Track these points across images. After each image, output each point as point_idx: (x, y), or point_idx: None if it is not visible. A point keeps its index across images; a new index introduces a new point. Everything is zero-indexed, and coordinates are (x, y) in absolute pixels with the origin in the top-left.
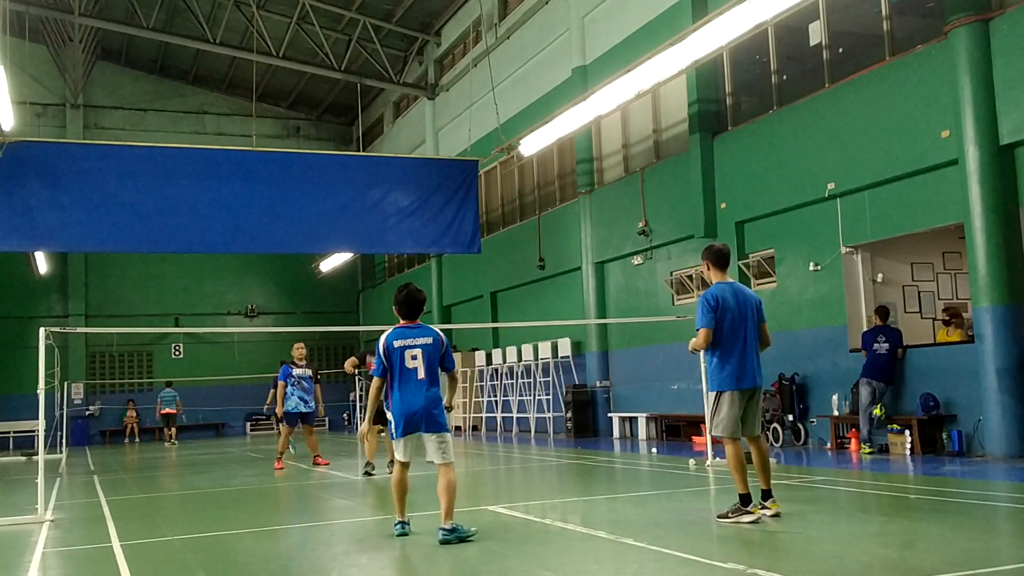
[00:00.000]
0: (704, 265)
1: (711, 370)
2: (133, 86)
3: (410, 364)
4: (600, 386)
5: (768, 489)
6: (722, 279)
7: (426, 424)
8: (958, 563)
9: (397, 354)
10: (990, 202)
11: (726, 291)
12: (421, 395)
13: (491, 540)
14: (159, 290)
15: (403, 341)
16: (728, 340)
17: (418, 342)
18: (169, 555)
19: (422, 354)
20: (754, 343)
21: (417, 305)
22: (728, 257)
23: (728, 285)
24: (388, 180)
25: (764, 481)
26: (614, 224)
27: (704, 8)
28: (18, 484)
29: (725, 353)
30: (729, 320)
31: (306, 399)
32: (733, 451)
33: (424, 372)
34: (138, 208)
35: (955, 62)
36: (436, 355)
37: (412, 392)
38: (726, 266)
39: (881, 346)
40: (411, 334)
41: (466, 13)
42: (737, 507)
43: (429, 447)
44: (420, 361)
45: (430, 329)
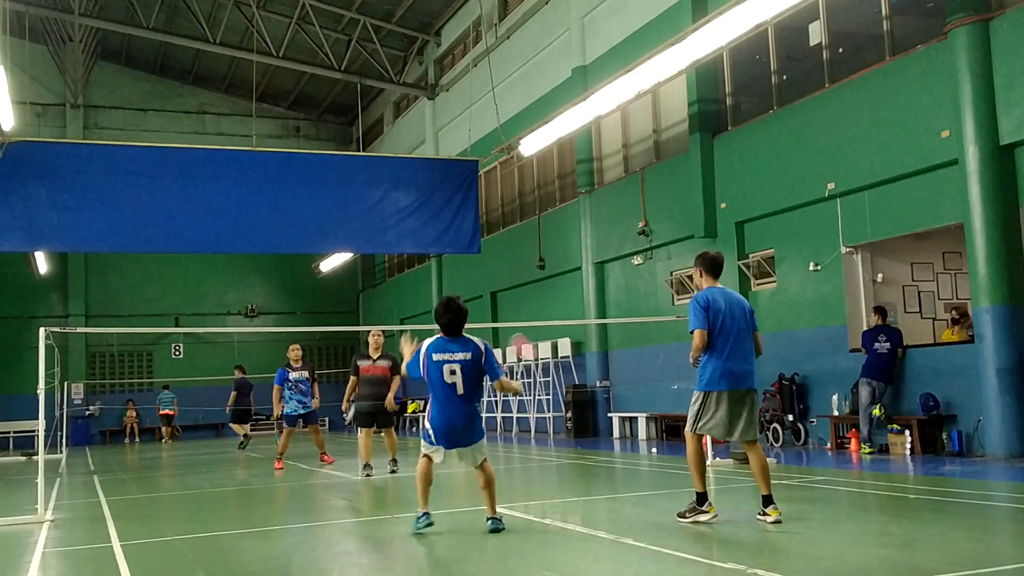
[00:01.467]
0: (696, 271)
1: (699, 369)
2: (133, 86)
3: (449, 379)
4: (600, 386)
5: (769, 495)
6: (712, 285)
7: (466, 439)
8: (958, 563)
9: (434, 368)
10: (990, 202)
11: (716, 294)
12: (462, 412)
13: (491, 540)
14: (159, 290)
15: (442, 355)
16: (718, 341)
17: (456, 357)
18: (169, 555)
19: (460, 369)
20: (746, 346)
21: (458, 321)
22: (721, 266)
23: (718, 289)
24: (388, 180)
25: (764, 487)
26: (614, 224)
27: (704, 8)
28: (18, 484)
29: (714, 354)
30: (719, 322)
31: (304, 401)
32: (693, 448)
33: (463, 387)
34: (138, 208)
35: (955, 62)
36: (475, 369)
37: (454, 408)
38: (718, 274)
39: (882, 345)
40: (451, 348)
41: (466, 13)
42: (693, 506)
43: (466, 457)
44: (459, 377)
45: (470, 342)
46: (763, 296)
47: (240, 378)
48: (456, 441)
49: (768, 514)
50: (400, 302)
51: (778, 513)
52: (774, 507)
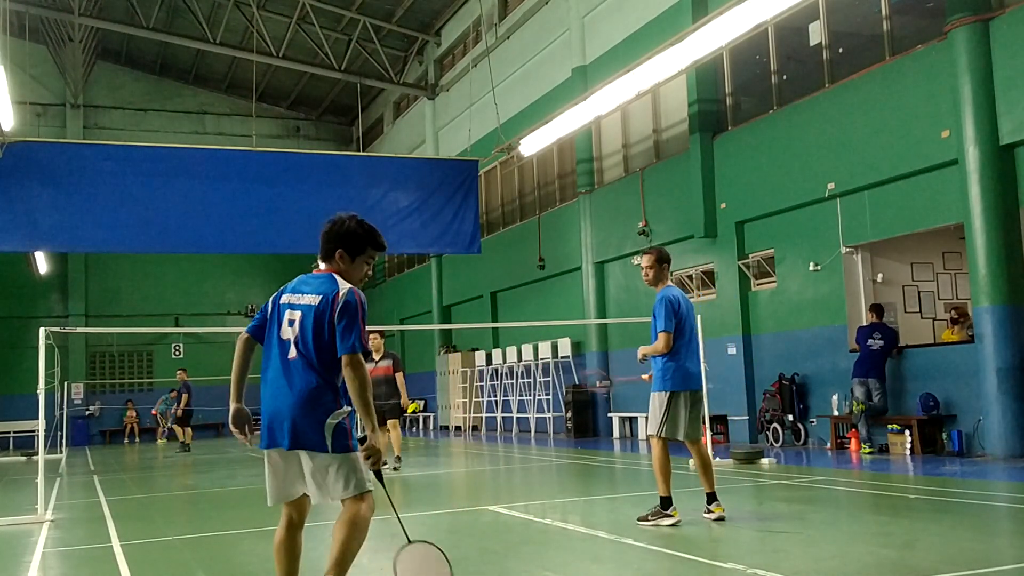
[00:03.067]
0: (662, 268)
1: (663, 370)
2: (133, 86)
3: (284, 333)
4: (600, 386)
5: (712, 492)
6: (669, 283)
7: (301, 435)
8: (958, 563)
9: (274, 315)
10: (990, 202)
11: (677, 293)
12: (294, 387)
13: (491, 540)
14: (159, 290)
15: (289, 297)
16: (680, 342)
17: (303, 300)
18: (169, 555)
19: (300, 320)
20: (696, 346)
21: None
22: None
23: (677, 288)
24: (388, 180)
25: (708, 484)
26: (614, 224)
27: (704, 8)
28: (18, 484)
29: (679, 355)
30: (683, 323)
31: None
32: (661, 453)
33: (298, 348)
34: (138, 208)
35: (955, 62)
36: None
37: (281, 381)
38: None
39: (876, 342)
40: (303, 287)
41: (466, 13)
42: (657, 509)
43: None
44: (295, 331)
45: (328, 282)
46: (763, 296)
47: (186, 381)
48: (281, 436)
49: (712, 511)
50: (400, 302)
51: (721, 510)
52: (718, 503)
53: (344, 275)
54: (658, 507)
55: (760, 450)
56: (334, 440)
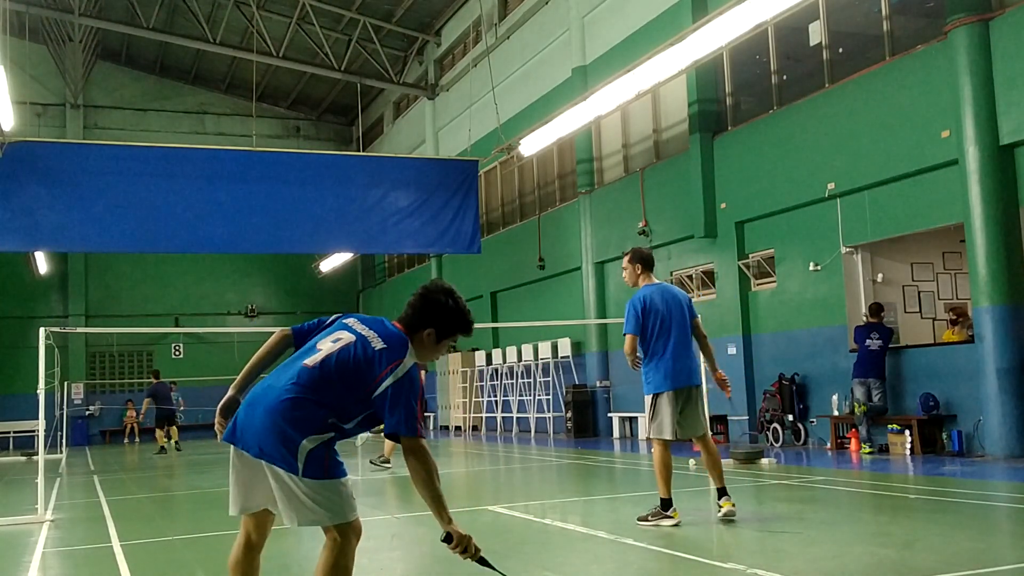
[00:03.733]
0: (633, 268)
1: (645, 372)
2: (133, 86)
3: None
4: (600, 386)
5: (722, 487)
6: (649, 281)
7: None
8: (958, 563)
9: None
10: (990, 202)
11: (653, 293)
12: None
13: (491, 540)
14: (159, 290)
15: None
16: (658, 341)
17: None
18: (169, 555)
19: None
20: (685, 342)
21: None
22: (653, 261)
23: (655, 287)
24: (388, 180)
25: (717, 479)
26: (614, 224)
27: (704, 8)
28: (18, 484)
29: (656, 355)
30: (657, 322)
31: None
32: (661, 454)
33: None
34: (138, 208)
35: (955, 62)
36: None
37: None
38: (652, 268)
39: (874, 342)
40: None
41: (466, 13)
42: (657, 510)
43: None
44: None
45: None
46: (763, 296)
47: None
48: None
49: (721, 505)
50: (400, 302)
51: (730, 504)
52: (727, 498)
53: (419, 349)
54: (658, 508)
55: (760, 450)
56: (307, 465)
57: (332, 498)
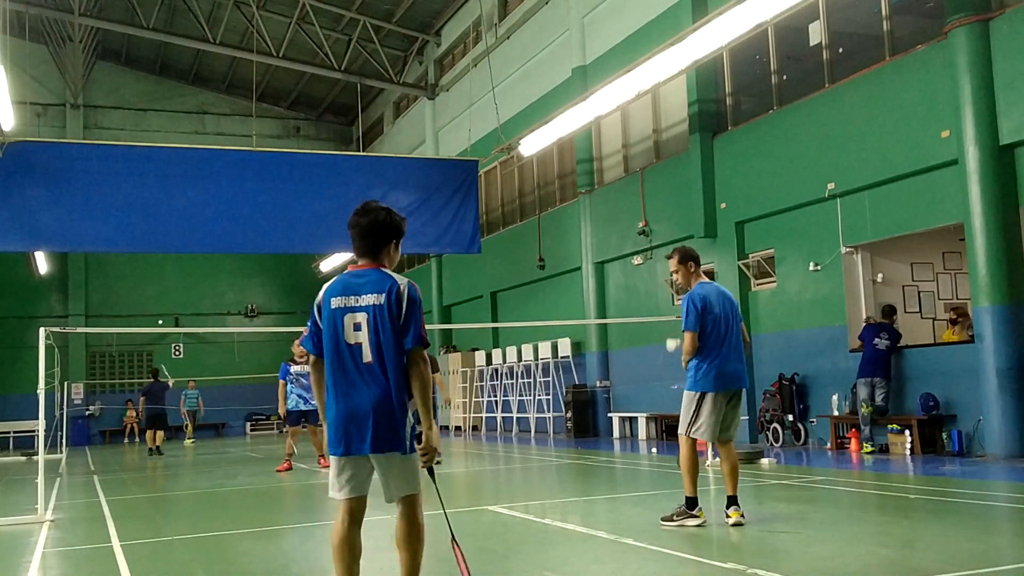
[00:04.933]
0: (686, 267)
1: (694, 369)
2: (133, 86)
3: (351, 338)
4: (600, 386)
5: (735, 496)
6: (701, 279)
7: (375, 441)
8: (958, 563)
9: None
10: (990, 202)
11: (711, 292)
12: (370, 394)
13: (491, 540)
14: (159, 290)
15: (342, 300)
16: (713, 341)
17: (363, 301)
18: (169, 555)
19: (367, 322)
20: (737, 344)
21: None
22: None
23: (711, 285)
24: (388, 180)
25: (732, 487)
26: (614, 224)
27: (704, 8)
28: (18, 484)
29: (710, 354)
30: (713, 321)
31: (306, 396)
32: (689, 453)
33: (372, 352)
34: (138, 208)
35: (955, 62)
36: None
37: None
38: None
39: (882, 342)
40: (355, 286)
41: (466, 13)
42: (683, 509)
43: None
44: (365, 333)
45: (388, 279)
46: (763, 296)
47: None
48: (356, 443)
49: (730, 515)
50: None
51: (739, 515)
52: (737, 508)
53: (391, 267)
54: (683, 507)
55: (760, 450)
56: (411, 441)
57: (417, 468)
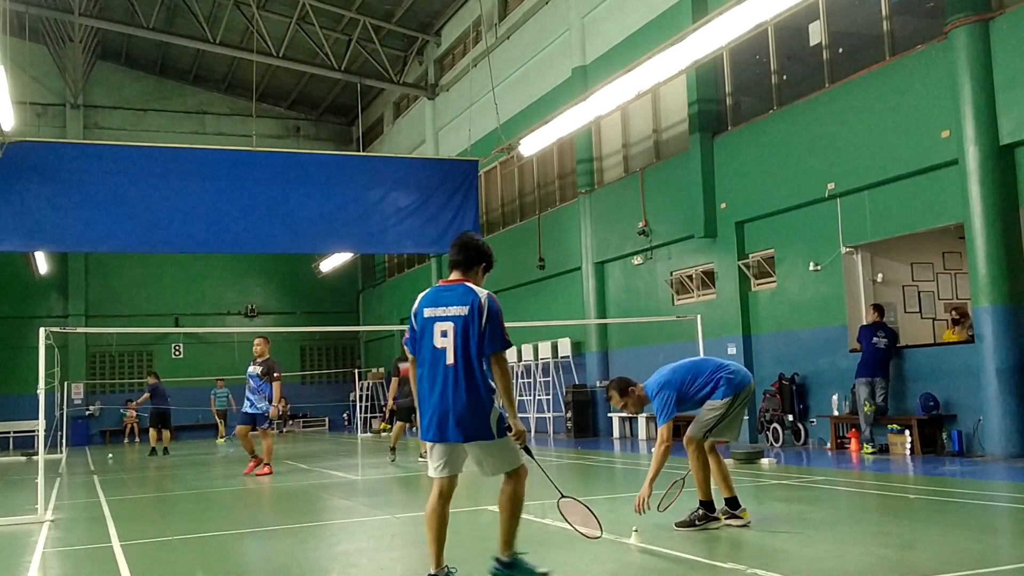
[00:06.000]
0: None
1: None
2: (133, 86)
3: (439, 343)
4: (600, 386)
5: (735, 496)
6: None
7: (468, 429)
8: (958, 563)
9: (424, 327)
10: (990, 202)
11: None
12: (457, 389)
13: (491, 540)
14: (159, 290)
15: (433, 310)
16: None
17: (450, 312)
18: (169, 555)
19: (453, 329)
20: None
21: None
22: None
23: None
24: (388, 180)
25: (729, 489)
26: (614, 224)
27: (704, 8)
28: (18, 484)
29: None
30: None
31: (251, 399)
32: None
33: (455, 354)
34: (138, 208)
35: (955, 62)
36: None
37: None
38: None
39: (880, 340)
40: (444, 298)
41: (466, 13)
42: (704, 513)
43: (479, 463)
44: (451, 339)
45: (471, 293)
46: (763, 296)
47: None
48: (452, 433)
49: (740, 516)
50: (400, 302)
51: (748, 515)
52: (743, 508)
53: (476, 284)
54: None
55: (760, 450)
56: (498, 428)
57: (512, 448)
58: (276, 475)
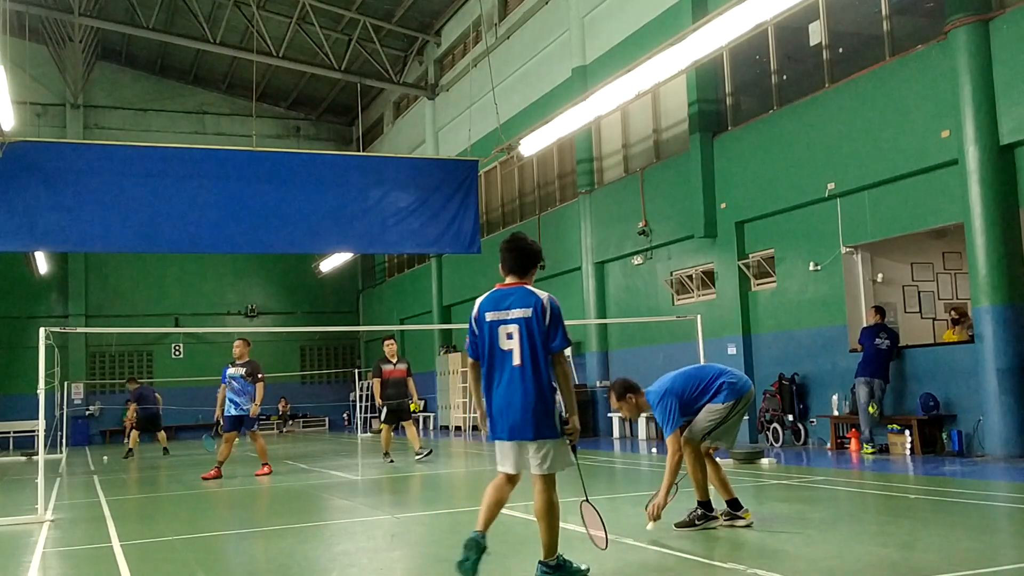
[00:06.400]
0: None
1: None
2: (133, 86)
3: (504, 345)
4: (600, 386)
5: (736, 498)
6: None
7: (528, 427)
8: (958, 563)
9: (485, 331)
10: (990, 202)
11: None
12: (522, 389)
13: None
14: (159, 290)
15: (496, 314)
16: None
17: (513, 315)
18: (169, 555)
19: (518, 332)
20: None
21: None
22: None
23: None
24: (388, 180)
25: (728, 492)
26: (614, 224)
27: (704, 8)
28: (18, 484)
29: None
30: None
31: (236, 401)
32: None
33: (522, 356)
34: (138, 208)
35: (955, 62)
36: (534, 331)
37: (512, 385)
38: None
39: (883, 342)
40: (506, 302)
41: (466, 13)
42: (704, 512)
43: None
44: (516, 342)
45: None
46: (763, 296)
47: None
48: (523, 432)
49: (743, 516)
50: (400, 302)
51: (750, 515)
52: (745, 509)
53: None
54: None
55: (760, 450)
56: (561, 426)
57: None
58: (276, 475)
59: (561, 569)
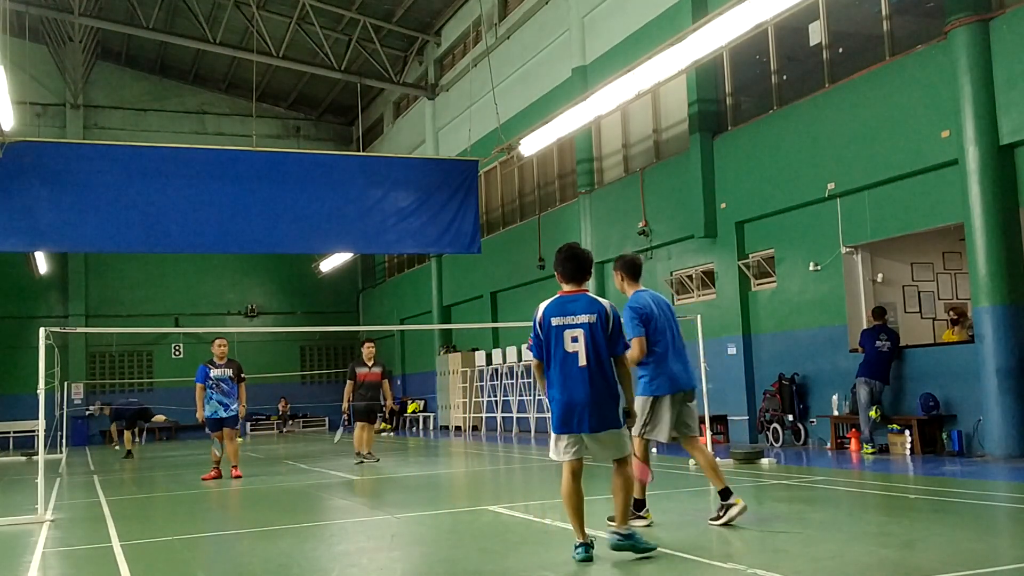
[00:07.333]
0: (618, 276)
1: (642, 375)
2: (133, 86)
3: (570, 347)
4: None
5: (726, 487)
6: (637, 288)
7: (596, 421)
8: (958, 563)
9: (551, 334)
10: (990, 202)
11: (647, 298)
12: (588, 387)
13: (491, 540)
14: (159, 290)
15: (561, 319)
16: (657, 346)
17: (579, 320)
18: (169, 555)
19: (584, 336)
20: (681, 345)
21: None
22: (640, 267)
23: (647, 293)
24: (388, 180)
25: (719, 481)
26: (614, 224)
27: (704, 8)
28: (18, 484)
29: (657, 358)
30: (654, 325)
31: (225, 403)
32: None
33: (586, 359)
34: (138, 208)
35: (955, 62)
36: (599, 335)
37: (577, 383)
38: (639, 276)
39: (884, 344)
40: (570, 308)
41: (466, 13)
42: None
43: (602, 448)
44: (581, 344)
45: (593, 300)
46: (763, 296)
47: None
48: (589, 424)
49: (734, 503)
50: (400, 302)
51: (741, 501)
52: (736, 496)
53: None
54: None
55: (760, 450)
56: (624, 417)
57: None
58: (276, 475)
59: (631, 538)
